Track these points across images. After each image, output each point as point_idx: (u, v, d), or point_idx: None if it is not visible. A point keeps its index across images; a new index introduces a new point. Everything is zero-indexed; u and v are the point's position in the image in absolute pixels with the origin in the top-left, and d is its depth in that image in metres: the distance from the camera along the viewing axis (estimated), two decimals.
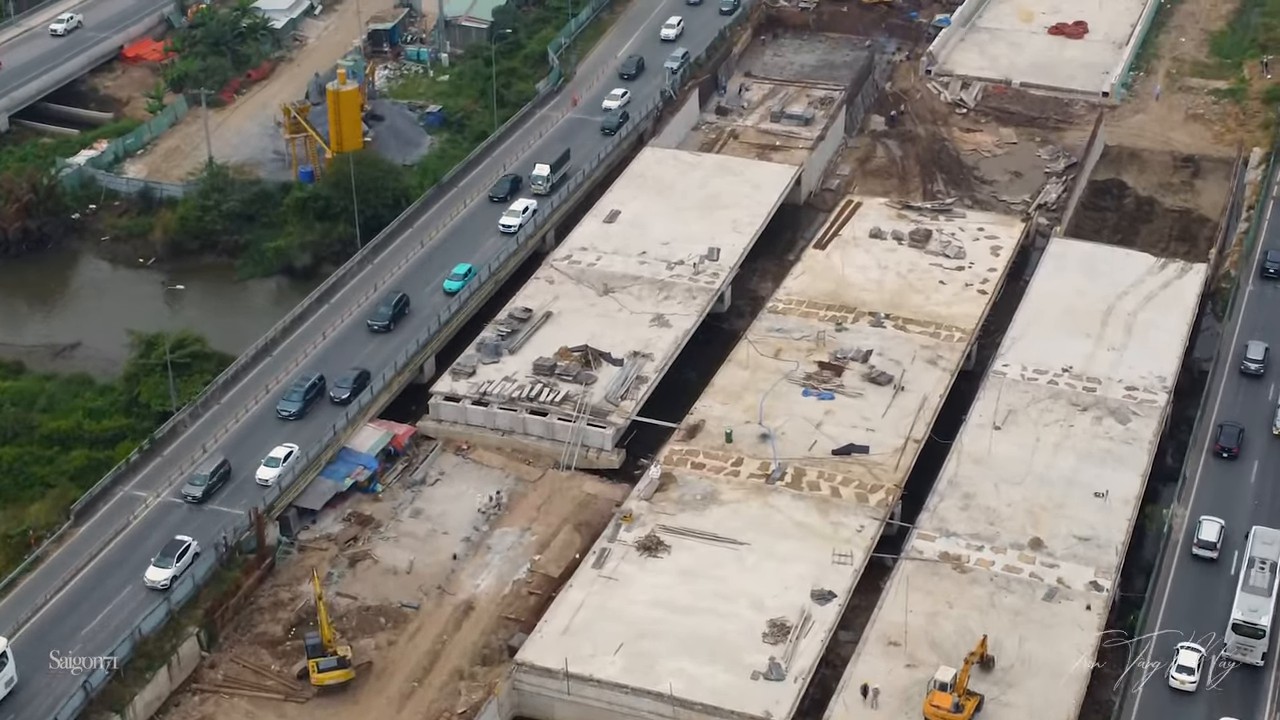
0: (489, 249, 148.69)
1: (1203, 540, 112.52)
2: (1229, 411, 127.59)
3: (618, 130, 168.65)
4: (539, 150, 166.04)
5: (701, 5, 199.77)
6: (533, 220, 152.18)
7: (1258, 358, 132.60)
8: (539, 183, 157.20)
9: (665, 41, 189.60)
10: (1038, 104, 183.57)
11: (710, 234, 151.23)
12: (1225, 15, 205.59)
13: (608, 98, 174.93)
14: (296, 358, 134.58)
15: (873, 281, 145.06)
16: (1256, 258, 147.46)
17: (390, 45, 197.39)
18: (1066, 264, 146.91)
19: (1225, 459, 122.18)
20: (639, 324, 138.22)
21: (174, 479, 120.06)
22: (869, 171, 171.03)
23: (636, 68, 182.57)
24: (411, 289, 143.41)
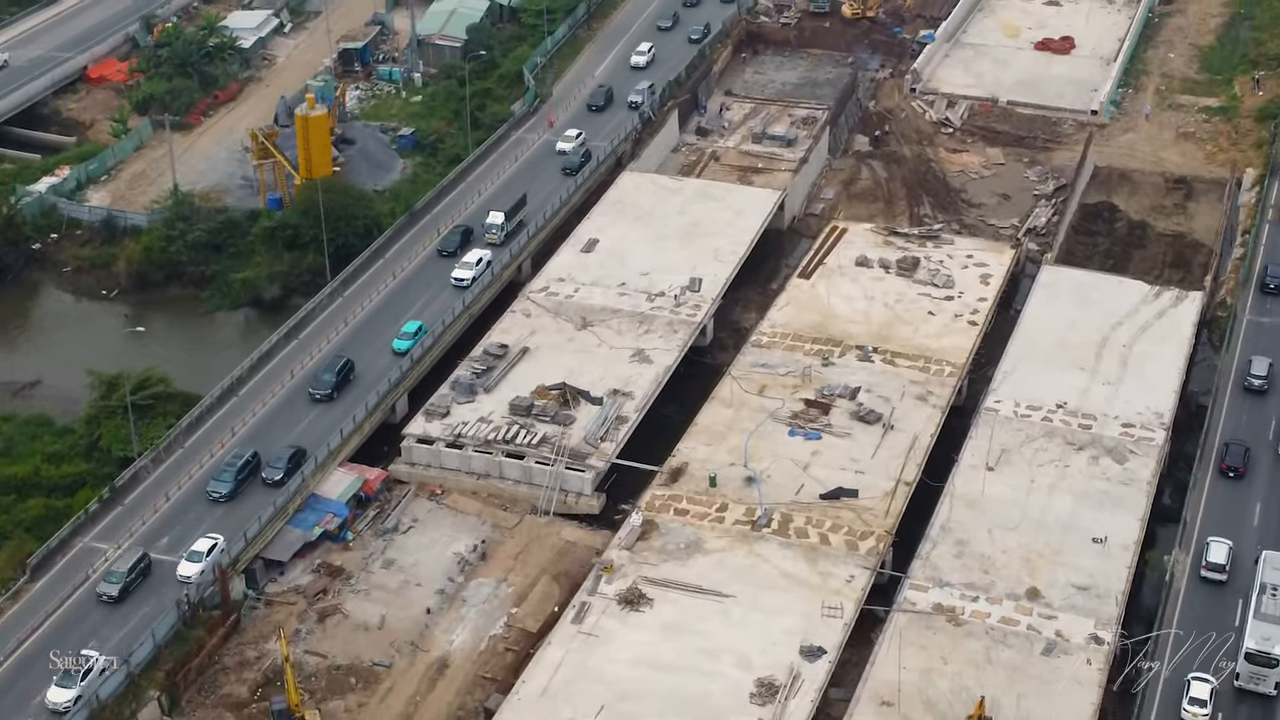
0: (441, 305, 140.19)
1: (1212, 563, 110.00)
2: (1234, 429, 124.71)
3: (580, 170, 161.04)
4: (502, 189, 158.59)
5: (672, 30, 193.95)
6: (489, 271, 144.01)
7: (1262, 374, 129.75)
8: (493, 232, 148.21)
9: (635, 69, 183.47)
10: (1025, 123, 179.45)
11: (691, 263, 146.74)
12: (1214, 29, 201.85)
13: (561, 139, 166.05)
14: (263, 397, 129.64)
15: (859, 313, 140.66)
16: (1256, 272, 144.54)
17: (362, 65, 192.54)
18: (1058, 293, 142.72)
19: (1231, 478, 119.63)
20: (619, 360, 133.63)
21: (135, 530, 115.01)
22: (854, 195, 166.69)
23: (605, 99, 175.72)
24: (357, 350, 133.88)
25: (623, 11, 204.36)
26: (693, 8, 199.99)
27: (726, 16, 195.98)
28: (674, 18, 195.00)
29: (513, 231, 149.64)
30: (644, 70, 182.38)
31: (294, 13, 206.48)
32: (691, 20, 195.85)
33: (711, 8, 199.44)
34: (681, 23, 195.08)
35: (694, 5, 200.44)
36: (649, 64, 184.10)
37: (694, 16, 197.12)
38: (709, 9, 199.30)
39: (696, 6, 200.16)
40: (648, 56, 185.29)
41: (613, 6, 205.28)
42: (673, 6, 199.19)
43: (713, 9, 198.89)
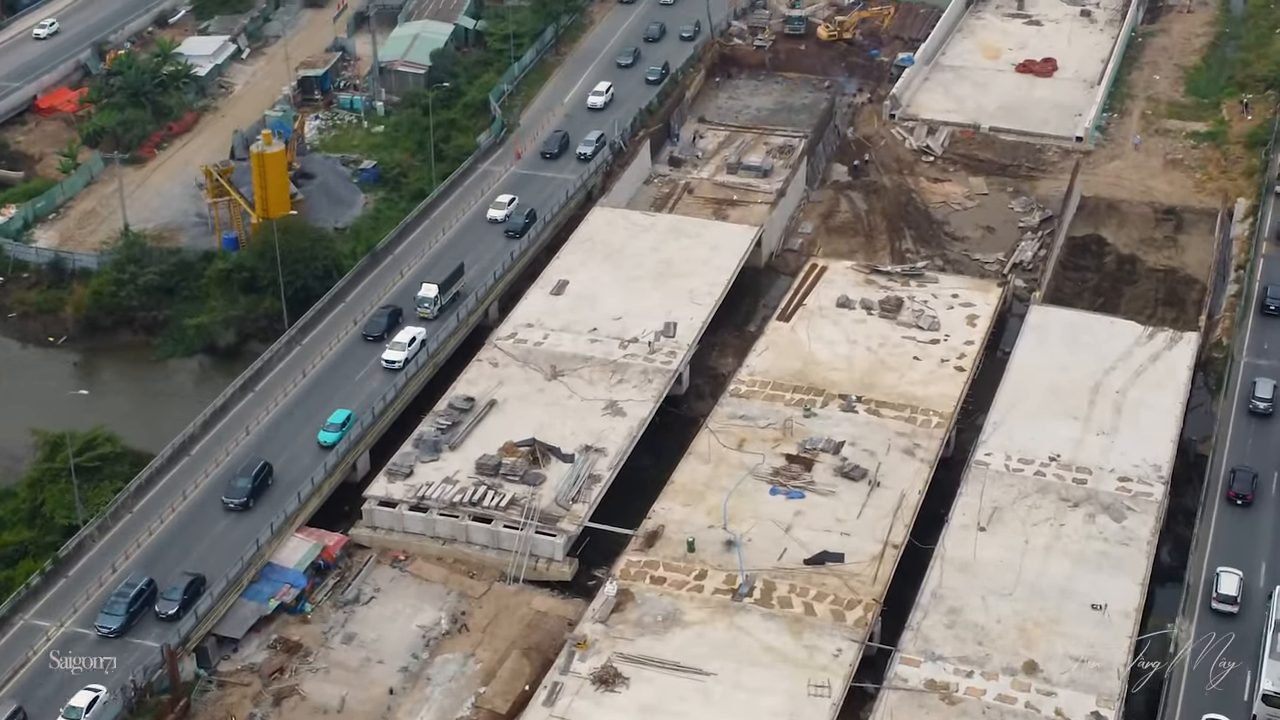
0: (372, 391, 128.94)
1: (1222, 594, 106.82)
2: (1240, 454, 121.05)
3: (524, 233, 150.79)
4: (438, 258, 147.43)
5: (633, 67, 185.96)
6: (424, 350, 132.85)
7: (1266, 396, 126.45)
8: (425, 305, 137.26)
9: (593, 110, 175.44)
10: (1008, 150, 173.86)
11: (666, 306, 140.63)
12: (1199, 50, 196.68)
13: (493, 205, 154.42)
14: (217, 457, 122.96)
15: (842, 358, 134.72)
16: (1256, 293, 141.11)
17: (322, 92, 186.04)
18: (1048, 335, 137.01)
19: (1239, 506, 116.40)
20: (591, 412, 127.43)
21: (79, 606, 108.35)
22: (832, 229, 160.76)
23: (560, 146, 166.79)
24: (279, 443, 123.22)
25: (591, 35, 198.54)
26: (654, 43, 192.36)
27: (687, 54, 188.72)
28: (634, 54, 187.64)
29: (448, 305, 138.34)
30: (602, 111, 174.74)
31: (252, 38, 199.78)
32: (652, 57, 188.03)
33: (671, 45, 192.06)
34: (643, 59, 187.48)
35: (655, 40, 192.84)
36: (607, 104, 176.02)
37: (654, 53, 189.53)
38: (669, 46, 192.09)
39: (658, 42, 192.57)
40: (605, 97, 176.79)
41: (581, 30, 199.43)
42: (634, 41, 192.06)
43: (672, 46, 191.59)
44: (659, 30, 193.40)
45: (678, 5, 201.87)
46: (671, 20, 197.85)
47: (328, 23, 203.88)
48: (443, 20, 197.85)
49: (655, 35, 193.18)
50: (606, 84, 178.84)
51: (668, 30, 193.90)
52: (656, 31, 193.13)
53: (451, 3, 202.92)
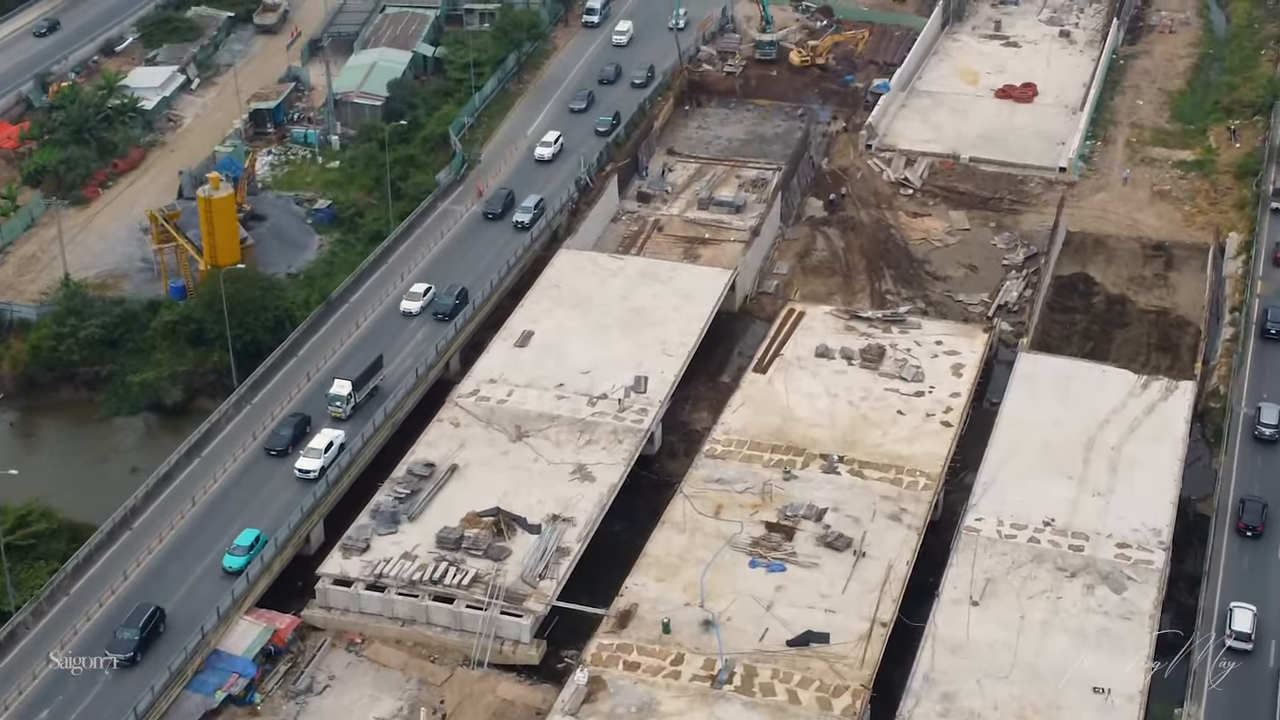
0: (283, 505, 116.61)
1: (1238, 631, 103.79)
2: (1247, 483, 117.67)
3: (454, 316, 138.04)
4: (348, 356, 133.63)
5: (586, 112, 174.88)
6: (344, 452, 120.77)
7: (1272, 422, 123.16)
8: (337, 405, 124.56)
9: (540, 162, 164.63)
10: (989, 182, 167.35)
11: (636, 358, 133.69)
12: (1183, 72, 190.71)
13: (407, 296, 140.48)
14: (161, 531, 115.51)
15: (822, 414, 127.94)
16: (1256, 318, 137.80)
17: (275, 125, 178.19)
18: (1038, 385, 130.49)
19: (1249, 538, 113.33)
20: (558, 477, 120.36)
21: (10, 702, 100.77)
22: (809, 268, 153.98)
23: (503, 205, 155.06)
24: (176, 574, 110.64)
25: (555, 62, 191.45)
26: (608, 85, 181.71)
27: (642, 99, 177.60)
28: (588, 98, 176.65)
29: (363, 404, 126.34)
30: (549, 163, 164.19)
31: (202, 67, 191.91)
32: (606, 101, 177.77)
33: (622, 90, 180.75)
34: (596, 103, 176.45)
35: (610, 83, 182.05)
36: (556, 155, 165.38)
37: (608, 96, 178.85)
38: (620, 91, 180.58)
39: (612, 84, 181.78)
40: (554, 148, 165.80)
41: (544, 56, 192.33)
42: (589, 83, 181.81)
43: (623, 92, 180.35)
44: (614, 72, 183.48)
45: (633, 46, 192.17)
46: (629, 58, 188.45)
47: (281, 50, 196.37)
48: (400, 47, 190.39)
49: (610, 77, 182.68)
50: (555, 134, 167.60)
51: (623, 72, 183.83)
52: (612, 73, 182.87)
53: (409, 29, 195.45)
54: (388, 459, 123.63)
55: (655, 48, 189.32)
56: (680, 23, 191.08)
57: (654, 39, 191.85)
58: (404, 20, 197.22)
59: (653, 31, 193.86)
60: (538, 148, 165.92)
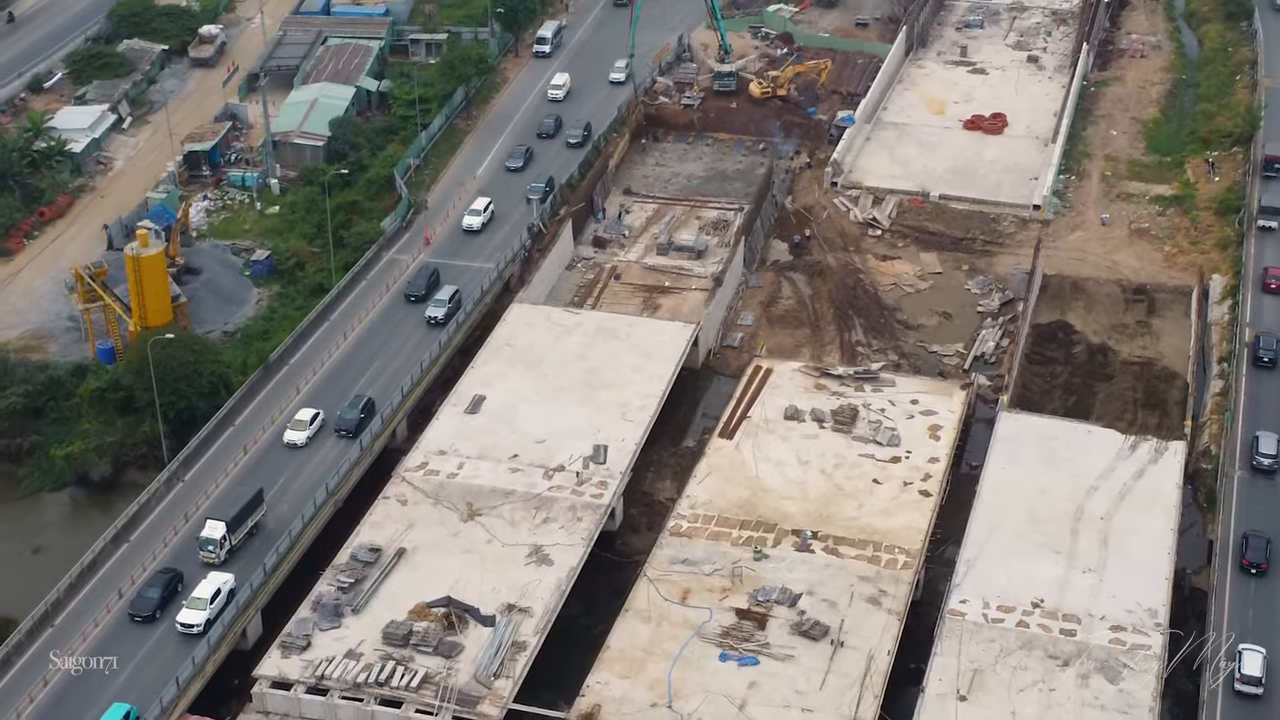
0: (160, 668, 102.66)
1: (1246, 675, 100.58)
2: (1249, 517, 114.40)
3: (358, 434, 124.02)
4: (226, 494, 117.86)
5: (523, 171, 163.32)
6: (232, 602, 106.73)
7: (1271, 452, 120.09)
8: (209, 549, 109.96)
9: (469, 232, 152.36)
10: (961, 221, 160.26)
11: (594, 424, 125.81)
12: (1156, 100, 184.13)
13: (291, 425, 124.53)
14: (84, 629, 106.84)
15: (793, 484, 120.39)
16: (1249, 345, 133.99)
17: (211, 168, 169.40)
18: (1021, 449, 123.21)
19: (1254, 575, 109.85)
20: (513, 561, 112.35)
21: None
22: (775, 318, 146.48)
23: (428, 284, 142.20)
24: (101, 675, 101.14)
25: (505, 96, 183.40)
26: (548, 139, 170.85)
27: (578, 161, 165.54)
28: (526, 155, 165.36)
29: (238, 547, 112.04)
30: (478, 234, 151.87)
31: (135, 104, 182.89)
32: (545, 156, 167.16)
33: (558, 149, 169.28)
34: (536, 160, 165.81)
35: (549, 136, 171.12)
36: (485, 225, 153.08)
37: (547, 152, 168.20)
38: (555, 150, 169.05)
39: (552, 139, 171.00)
40: (484, 216, 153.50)
41: (493, 90, 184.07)
42: (527, 138, 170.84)
43: (559, 151, 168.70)
44: (554, 125, 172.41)
45: (571, 100, 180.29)
46: (570, 111, 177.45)
47: (218, 85, 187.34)
48: (343, 82, 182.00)
49: (550, 130, 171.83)
50: (485, 200, 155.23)
51: (564, 125, 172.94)
52: (551, 126, 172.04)
53: (352, 61, 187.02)
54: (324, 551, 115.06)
55: (594, 100, 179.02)
56: (622, 75, 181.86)
57: (593, 91, 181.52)
58: (346, 52, 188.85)
59: (593, 84, 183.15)
60: (466, 216, 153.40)
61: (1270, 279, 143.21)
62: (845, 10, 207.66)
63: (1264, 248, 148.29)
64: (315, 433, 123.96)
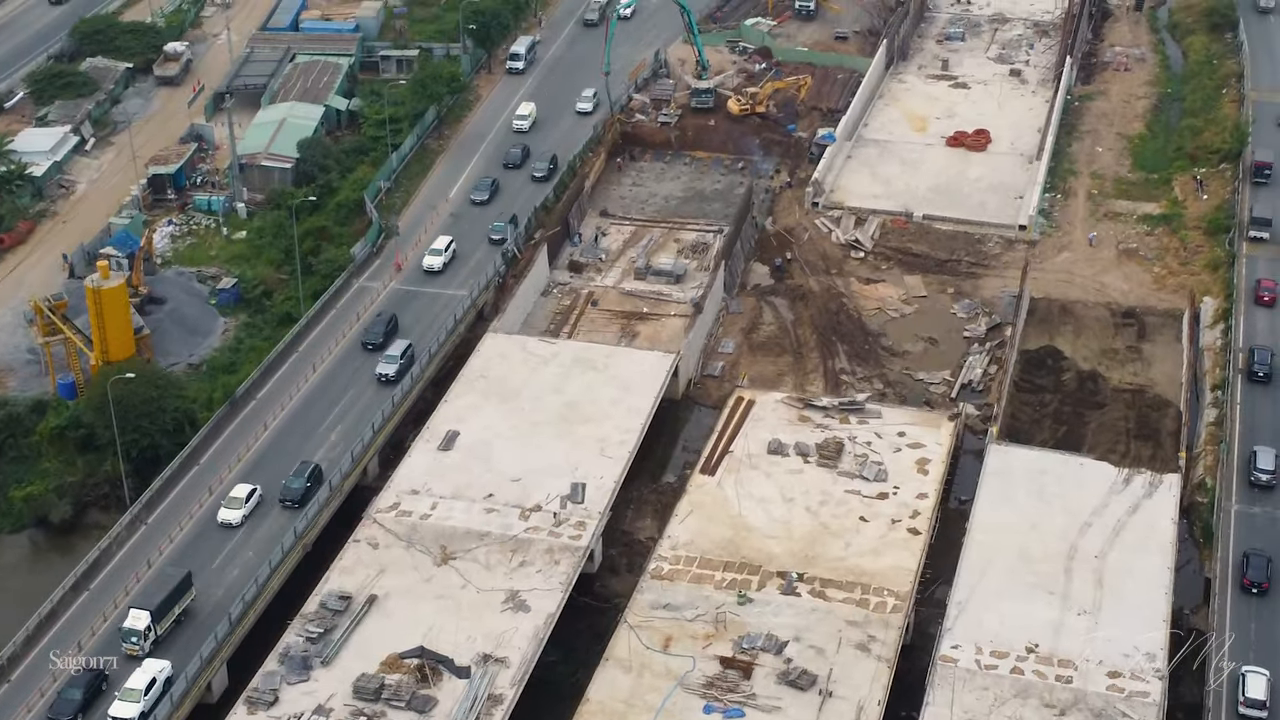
0: None
1: (1250, 699, 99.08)
2: (1247, 535, 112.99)
3: (306, 503, 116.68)
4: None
5: (488, 204, 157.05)
6: (168, 698, 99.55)
7: (1269, 468, 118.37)
8: (133, 640, 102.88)
9: (430, 273, 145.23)
10: (945, 242, 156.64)
11: (572, 461, 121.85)
12: (1142, 115, 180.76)
13: (226, 503, 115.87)
14: (42, 685, 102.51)
15: (778, 523, 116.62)
16: (1243, 360, 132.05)
17: (176, 191, 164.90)
18: (1011, 484, 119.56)
19: (1255, 595, 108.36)
20: (488, 608, 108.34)
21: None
22: (756, 345, 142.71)
23: (386, 330, 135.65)
24: None
25: (478, 114, 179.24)
26: (514, 169, 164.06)
27: (543, 195, 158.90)
28: (491, 188, 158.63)
29: (164, 637, 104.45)
30: (439, 275, 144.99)
31: (98, 124, 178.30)
32: (511, 188, 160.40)
33: (524, 180, 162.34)
34: (502, 192, 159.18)
35: (515, 167, 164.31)
36: (446, 265, 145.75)
37: (513, 183, 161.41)
38: (521, 182, 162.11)
39: (518, 169, 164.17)
40: (444, 256, 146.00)
41: (466, 109, 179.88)
42: (494, 168, 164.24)
43: (524, 184, 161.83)
44: (520, 155, 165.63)
45: (537, 131, 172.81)
46: (538, 141, 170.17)
47: (184, 105, 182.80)
48: (311, 100, 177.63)
49: (516, 160, 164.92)
50: (447, 240, 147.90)
51: (531, 154, 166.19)
52: (518, 156, 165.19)
53: (321, 79, 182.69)
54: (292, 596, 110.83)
55: (561, 130, 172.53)
56: (589, 105, 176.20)
57: (560, 120, 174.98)
58: (315, 70, 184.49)
59: (562, 111, 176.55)
60: (426, 256, 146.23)
61: (1263, 291, 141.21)
62: (824, 23, 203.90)
63: (1255, 268, 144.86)
64: (251, 511, 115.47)
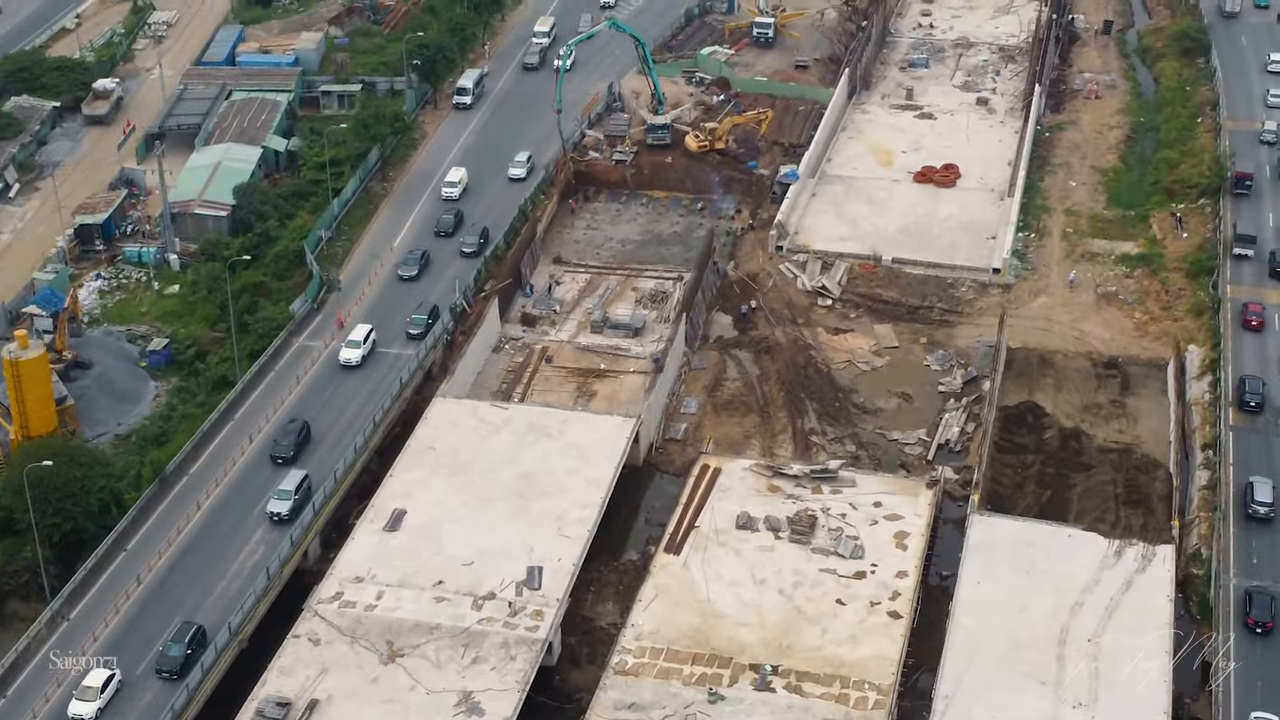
0: None
1: None
2: (1248, 571, 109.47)
3: (185, 674, 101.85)
4: None
5: (417, 280, 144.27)
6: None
7: (1267, 500, 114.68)
8: None
9: (347, 367, 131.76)
10: (916, 287, 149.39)
11: (528, 541, 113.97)
12: (1115, 146, 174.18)
13: (78, 693, 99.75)
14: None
15: (749, 608, 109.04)
16: (1234, 388, 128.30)
17: (105, 241, 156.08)
18: (996, 559, 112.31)
19: (1260, 634, 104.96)
20: (439, 712, 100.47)
21: None
22: (720, 404, 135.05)
23: (298, 441, 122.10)
24: None
25: (424, 153, 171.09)
26: (445, 238, 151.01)
27: (474, 270, 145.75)
28: (421, 261, 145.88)
29: None
30: (357, 369, 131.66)
31: (23, 169, 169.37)
32: (440, 257, 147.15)
33: (454, 251, 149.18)
34: (432, 266, 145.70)
35: (448, 235, 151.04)
36: (365, 358, 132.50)
37: (442, 256, 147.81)
38: (453, 253, 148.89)
39: (450, 237, 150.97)
40: (363, 349, 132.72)
41: (411, 148, 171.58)
42: (424, 239, 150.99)
43: (455, 256, 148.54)
44: (453, 222, 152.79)
45: (469, 197, 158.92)
46: (473, 206, 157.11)
47: (114, 146, 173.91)
48: (248, 141, 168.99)
49: (448, 228, 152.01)
50: (367, 328, 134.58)
51: (464, 220, 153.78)
52: (450, 224, 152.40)
53: (259, 118, 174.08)
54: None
55: (491, 197, 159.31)
56: (523, 171, 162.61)
57: (490, 187, 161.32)
58: (253, 107, 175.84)
59: (491, 179, 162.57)
60: (343, 349, 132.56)
61: (1250, 315, 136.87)
62: (784, 51, 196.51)
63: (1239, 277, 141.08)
64: (109, 701, 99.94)
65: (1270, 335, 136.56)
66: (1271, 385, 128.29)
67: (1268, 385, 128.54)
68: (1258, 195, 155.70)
